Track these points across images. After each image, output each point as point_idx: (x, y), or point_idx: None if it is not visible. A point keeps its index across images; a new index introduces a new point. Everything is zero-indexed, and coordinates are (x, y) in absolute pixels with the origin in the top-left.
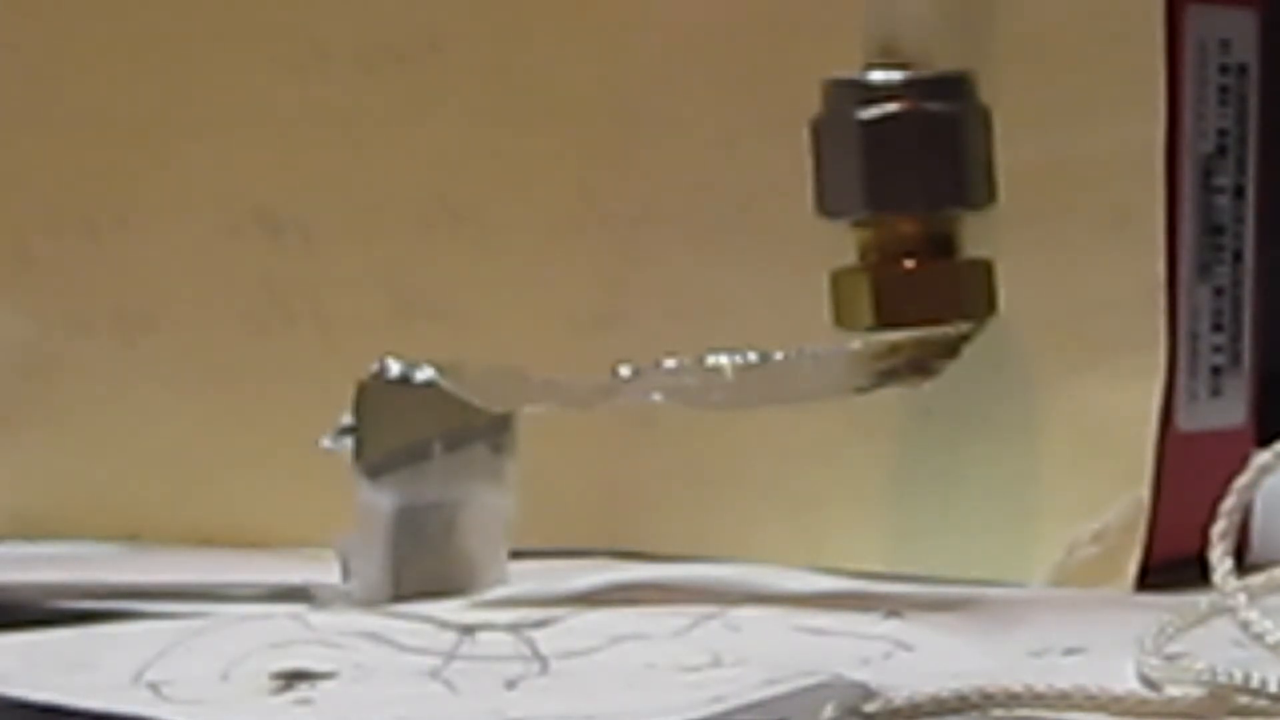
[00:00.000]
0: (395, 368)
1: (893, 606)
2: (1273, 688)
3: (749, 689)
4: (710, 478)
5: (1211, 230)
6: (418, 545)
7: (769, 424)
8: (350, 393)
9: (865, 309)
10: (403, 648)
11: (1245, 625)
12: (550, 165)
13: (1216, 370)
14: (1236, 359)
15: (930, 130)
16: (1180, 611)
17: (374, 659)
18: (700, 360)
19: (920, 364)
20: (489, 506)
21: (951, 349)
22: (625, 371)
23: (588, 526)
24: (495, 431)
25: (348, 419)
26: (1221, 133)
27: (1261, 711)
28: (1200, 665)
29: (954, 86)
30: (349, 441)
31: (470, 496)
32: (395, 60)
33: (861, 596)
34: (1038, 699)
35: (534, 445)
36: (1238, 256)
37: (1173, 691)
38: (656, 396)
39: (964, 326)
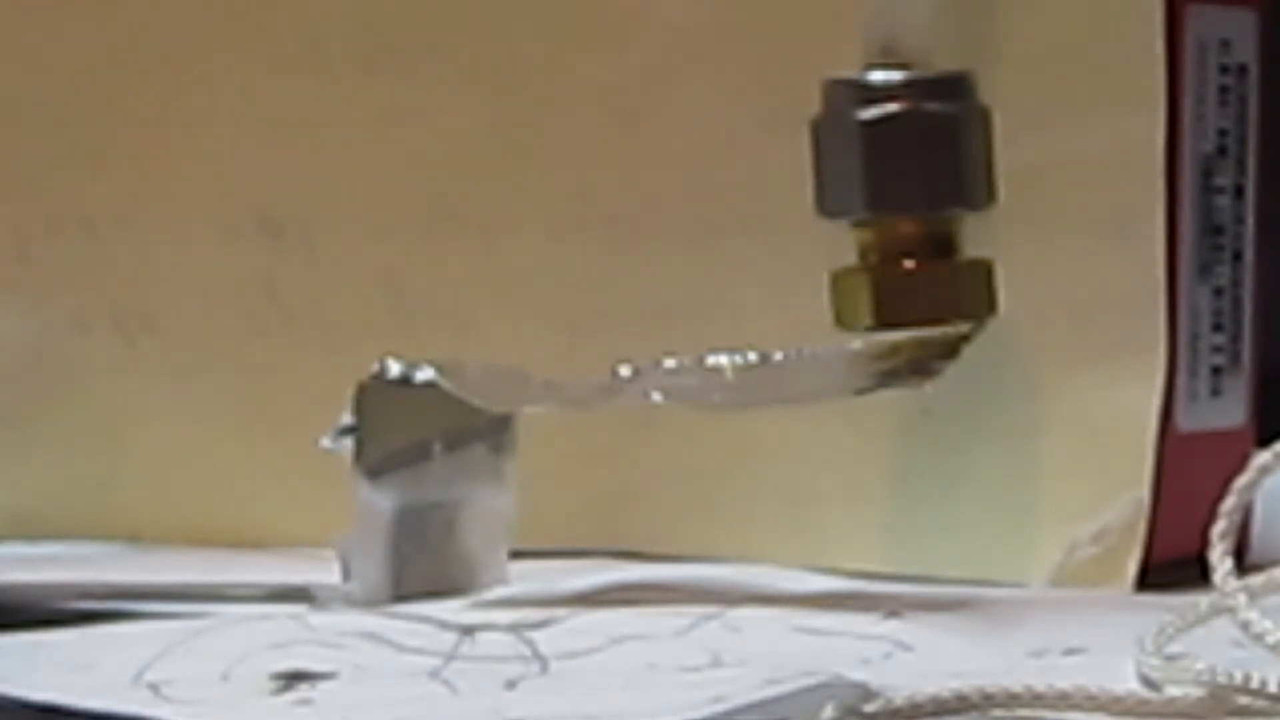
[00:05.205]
0: (395, 368)
1: (893, 606)
2: (1273, 688)
3: (749, 689)
4: (710, 478)
5: (1211, 230)
6: (418, 545)
7: (769, 424)
8: (350, 393)
9: (865, 309)
10: (403, 648)
11: (1245, 625)
12: (550, 165)
13: (1216, 370)
14: (1236, 359)
15: (930, 130)
16: (1180, 611)
17: (374, 659)
18: (700, 360)
19: (920, 364)
20: (489, 506)
21: (951, 349)
22: (625, 371)
23: (588, 526)
24: (495, 431)
25: (348, 419)
26: (1221, 133)
27: (1261, 711)
28: (1200, 665)
29: (954, 86)
30: (349, 441)
31: (470, 496)
32: (395, 60)
33: (861, 596)
34: (1038, 699)
35: (534, 445)
36: (1238, 256)
37: (1173, 691)
38: (656, 396)
39: (964, 326)
